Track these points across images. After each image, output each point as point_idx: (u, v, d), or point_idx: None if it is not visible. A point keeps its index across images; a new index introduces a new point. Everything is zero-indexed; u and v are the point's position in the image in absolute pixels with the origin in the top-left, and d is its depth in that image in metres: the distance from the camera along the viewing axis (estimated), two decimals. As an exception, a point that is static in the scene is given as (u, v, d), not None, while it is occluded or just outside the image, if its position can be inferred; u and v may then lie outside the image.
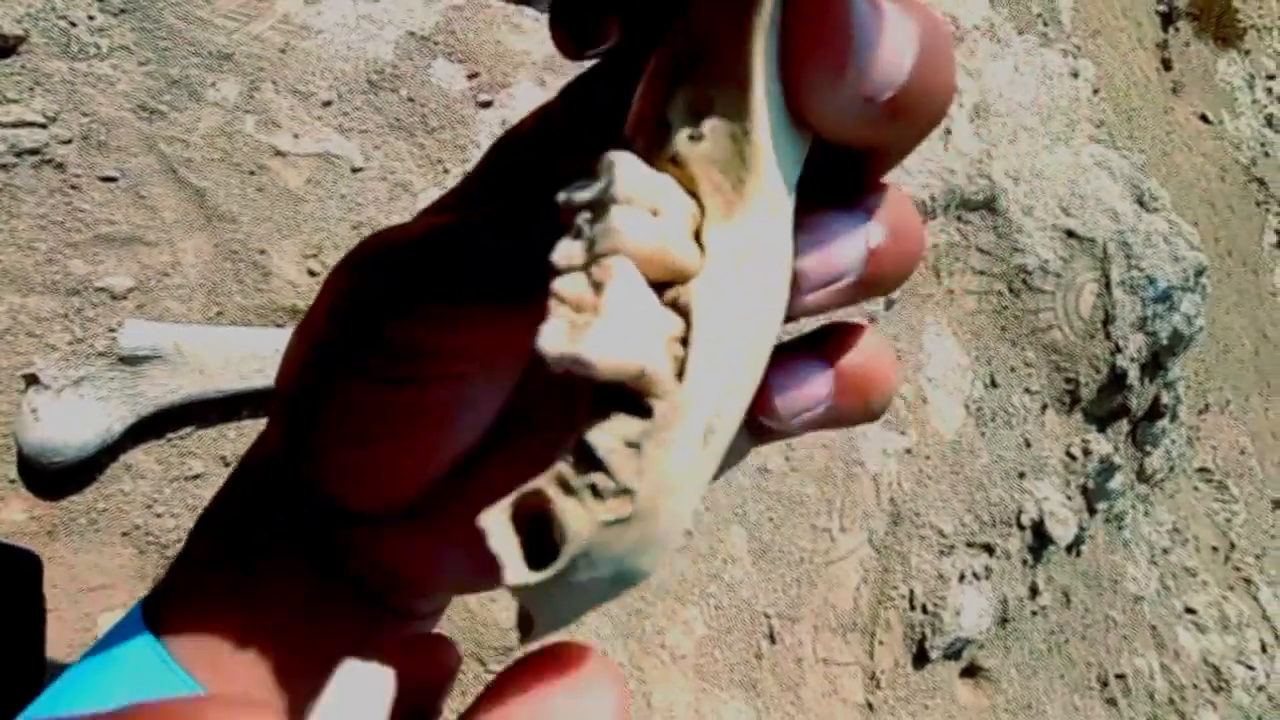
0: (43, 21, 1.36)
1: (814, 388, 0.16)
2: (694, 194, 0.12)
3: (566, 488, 0.11)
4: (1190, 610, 2.72)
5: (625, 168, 0.12)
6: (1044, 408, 2.21)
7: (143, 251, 1.34)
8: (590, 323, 0.11)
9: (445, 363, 0.19)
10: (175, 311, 1.31)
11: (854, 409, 0.16)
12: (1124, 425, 2.42)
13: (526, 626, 0.12)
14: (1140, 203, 2.35)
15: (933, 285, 2.10)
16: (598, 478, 0.11)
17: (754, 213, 0.12)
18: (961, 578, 1.81)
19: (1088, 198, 2.29)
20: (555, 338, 0.11)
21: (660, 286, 0.12)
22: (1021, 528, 2.01)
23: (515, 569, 0.11)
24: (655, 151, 0.12)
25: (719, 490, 1.68)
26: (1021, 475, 2.10)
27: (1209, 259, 2.51)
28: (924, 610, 1.74)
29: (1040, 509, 2.04)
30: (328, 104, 1.61)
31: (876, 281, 0.15)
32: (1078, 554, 2.27)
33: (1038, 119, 2.37)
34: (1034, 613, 2.05)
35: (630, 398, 0.11)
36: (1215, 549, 3.10)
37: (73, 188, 1.32)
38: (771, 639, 1.61)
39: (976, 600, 1.80)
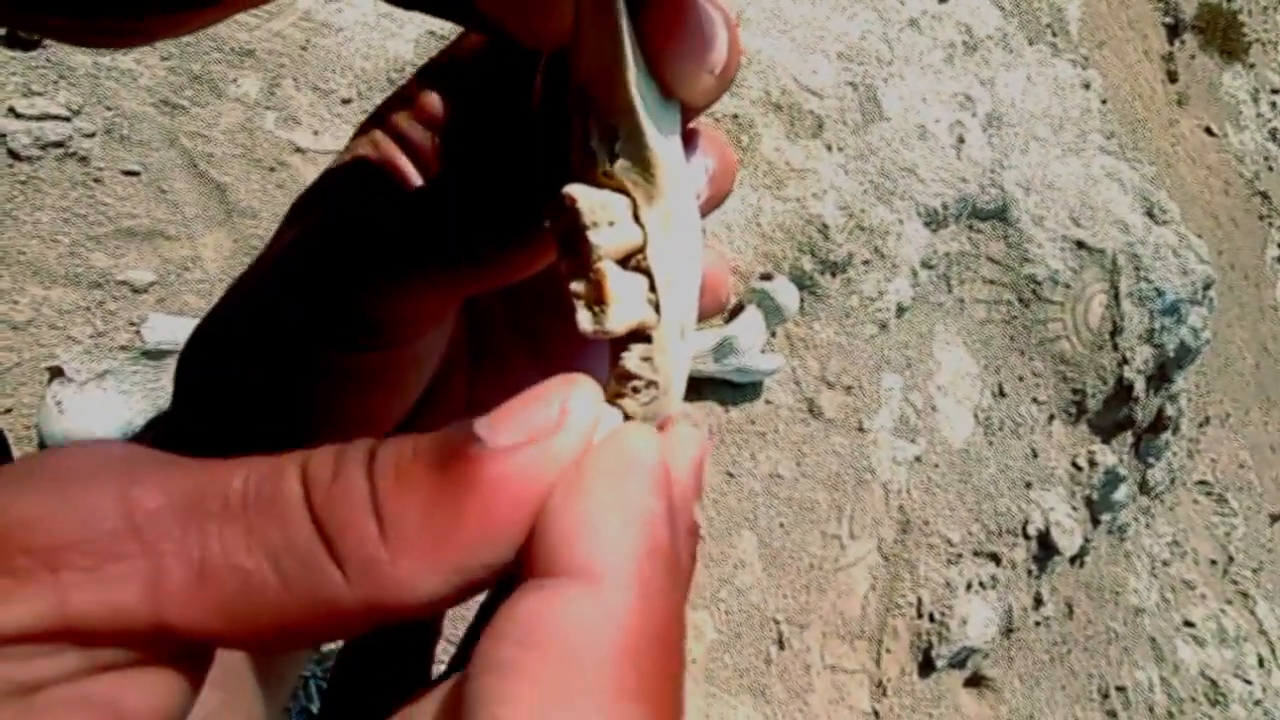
0: (68, 14, 1.37)
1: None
2: (625, 191, 0.17)
3: (619, 394, 0.18)
4: (1189, 623, 2.73)
5: (583, 200, 0.17)
6: (1051, 418, 2.22)
7: (164, 246, 1.35)
8: (605, 308, 0.17)
9: (405, 328, 0.21)
10: (195, 306, 1.32)
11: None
12: (1128, 437, 2.43)
13: None
14: (1150, 215, 2.36)
15: (943, 294, 2.10)
16: (635, 382, 0.17)
17: (665, 192, 0.18)
18: (968, 587, 1.81)
19: (1098, 209, 2.30)
20: (587, 321, 0.17)
21: (624, 259, 0.17)
22: (1027, 537, 2.01)
23: None
24: (591, 173, 0.18)
25: (730, 495, 1.69)
26: (1028, 485, 2.11)
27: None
28: (931, 619, 1.74)
29: (1046, 519, 2.05)
30: (348, 101, 1.61)
31: (715, 196, 0.21)
32: (1081, 565, 2.28)
33: (1049, 129, 2.38)
34: (1038, 623, 2.06)
35: (634, 335, 0.17)
36: (1214, 562, 3.11)
37: (95, 181, 1.32)
38: (780, 645, 1.62)
39: (982, 609, 1.80)
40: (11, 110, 1.29)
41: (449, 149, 0.22)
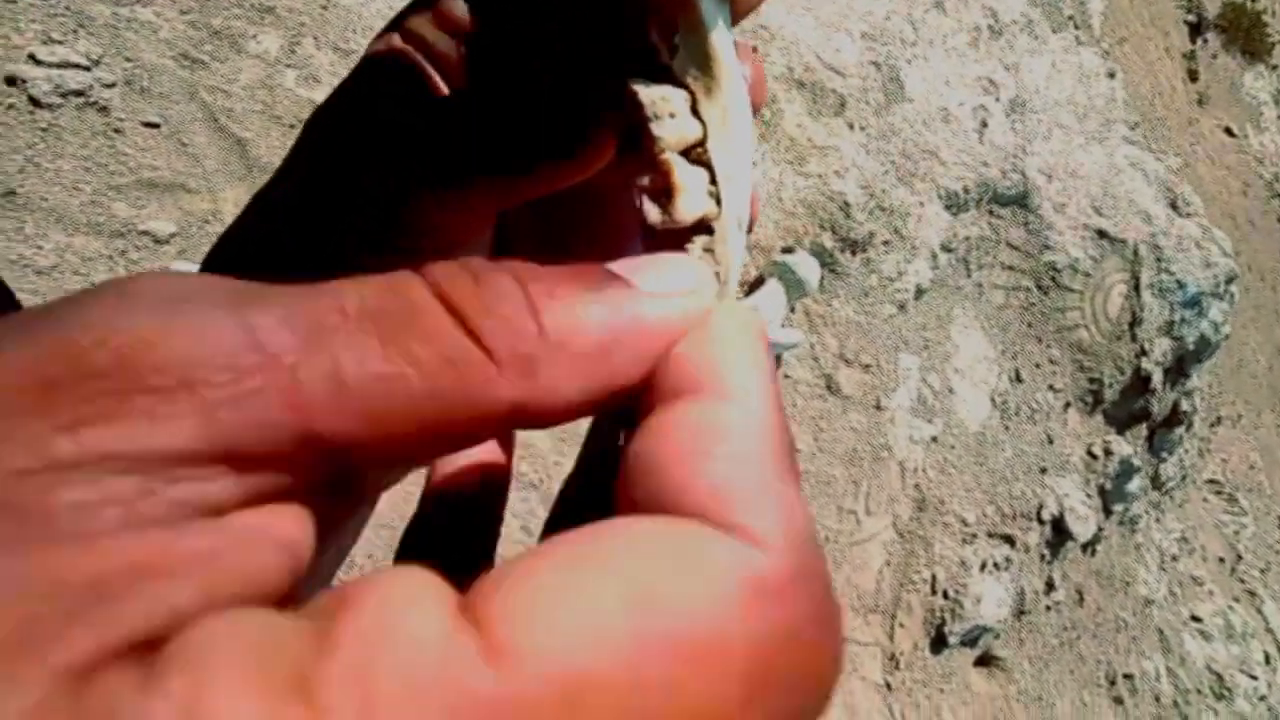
0: (91, -38, 1.36)
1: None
2: (684, 86, 0.18)
3: None
4: (1196, 618, 2.73)
5: (644, 94, 0.18)
6: (1067, 406, 2.21)
7: (185, 198, 1.34)
8: (673, 199, 0.17)
9: (435, 237, 0.21)
10: (215, 260, 1.31)
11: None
12: (1143, 429, 2.41)
13: None
14: (1174, 206, 2.34)
15: (962, 278, 2.09)
16: None
17: (722, 85, 0.18)
18: (983, 566, 1.81)
19: (1120, 198, 2.28)
20: (655, 213, 0.17)
21: (685, 152, 0.18)
22: (1041, 522, 2.01)
23: None
24: (650, 69, 0.18)
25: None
26: (1043, 470, 2.10)
27: (1234, 268, 2.50)
28: (945, 596, 1.74)
29: (1061, 505, 2.04)
30: (370, 63, 1.60)
31: (753, 105, 0.22)
32: (1093, 553, 2.27)
33: (1073, 117, 2.36)
34: (1048, 607, 2.05)
35: (696, 227, 0.18)
36: (1222, 560, 3.10)
37: (116, 131, 1.32)
38: (793, 618, 1.61)
39: (995, 589, 1.80)
40: (32, 57, 1.28)
41: (475, 56, 0.21)
